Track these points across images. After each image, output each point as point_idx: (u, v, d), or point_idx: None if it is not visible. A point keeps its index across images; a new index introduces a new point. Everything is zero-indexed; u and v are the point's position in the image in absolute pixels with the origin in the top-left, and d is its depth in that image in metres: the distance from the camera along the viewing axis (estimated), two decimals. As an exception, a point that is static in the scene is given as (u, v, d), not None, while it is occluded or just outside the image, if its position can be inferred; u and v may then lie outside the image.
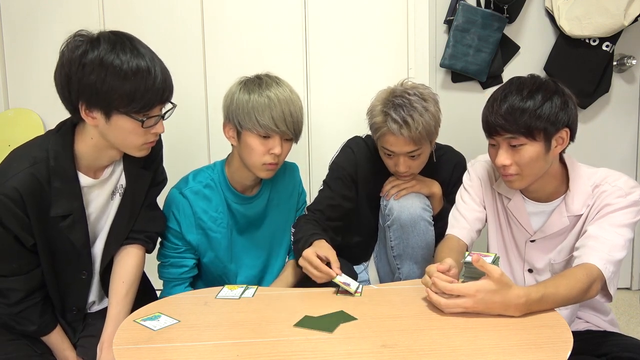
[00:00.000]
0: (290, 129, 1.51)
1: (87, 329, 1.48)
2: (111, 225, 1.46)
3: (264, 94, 1.49)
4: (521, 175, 1.34)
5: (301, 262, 1.45)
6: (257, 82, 1.53)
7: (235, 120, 1.53)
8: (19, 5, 2.24)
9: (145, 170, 1.48)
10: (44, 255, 1.36)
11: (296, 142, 1.59)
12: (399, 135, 1.57)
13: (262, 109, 1.48)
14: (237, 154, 1.59)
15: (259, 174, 1.57)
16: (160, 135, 1.50)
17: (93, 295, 1.51)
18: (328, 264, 1.40)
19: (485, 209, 1.53)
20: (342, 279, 1.36)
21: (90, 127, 1.32)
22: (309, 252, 1.42)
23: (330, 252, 1.43)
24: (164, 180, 1.59)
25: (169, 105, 1.35)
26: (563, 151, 1.38)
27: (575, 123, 1.35)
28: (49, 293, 1.41)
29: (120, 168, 1.45)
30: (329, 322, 1.17)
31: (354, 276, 1.75)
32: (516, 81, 1.35)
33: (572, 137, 1.36)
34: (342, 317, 1.19)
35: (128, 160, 1.44)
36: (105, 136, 1.32)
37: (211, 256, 1.63)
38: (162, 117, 1.35)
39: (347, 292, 1.33)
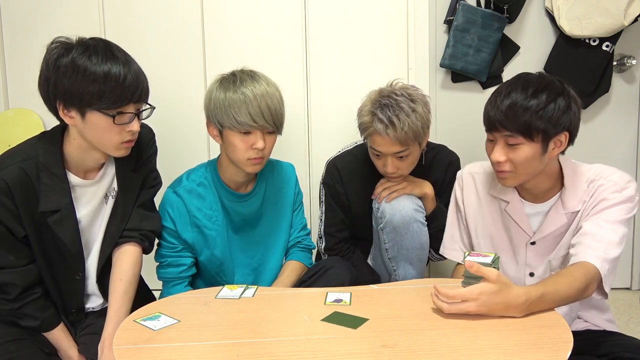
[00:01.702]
0: (270, 122, 1.51)
1: (88, 327, 1.49)
2: (105, 228, 1.48)
3: (239, 90, 1.49)
4: (514, 173, 1.34)
5: None
6: (232, 79, 1.53)
7: (215, 120, 1.54)
8: (19, 5, 2.24)
9: (135, 172, 1.50)
10: (38, 254, 1.38)
11: (279, 133, 1.58)
12: (385, 136, 1.58)
13: (238, 106, 1.48)
14: (224, 151, 1.59)
15: (246, 169, 1.57)
16: (155, 140, 1.56)
17: (93, 301, 1.52)
18: None
19: (467, 225, 1.55)
20: (331, 297, 1.29)
21: (72, 128, 1.36)
22: None
23: None
24: (157, 185, 1.60)
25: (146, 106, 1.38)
26: (562, 152, 1.38)
27: (576, 127, 1.34)
28: (50, 293, 1.43)
29: (112, 172, 1.47)
30: (354, 321, 1.17)
31: (353, 276, 1.75)
32: (523, 77, 1.33)
33: (571, 141, 1.35)
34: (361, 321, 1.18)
35: (119, 164, 1.47)
36: (84, 135, 1.35)
37: (207, 254, 1.64)
38: (137, 116, 1.36)
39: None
